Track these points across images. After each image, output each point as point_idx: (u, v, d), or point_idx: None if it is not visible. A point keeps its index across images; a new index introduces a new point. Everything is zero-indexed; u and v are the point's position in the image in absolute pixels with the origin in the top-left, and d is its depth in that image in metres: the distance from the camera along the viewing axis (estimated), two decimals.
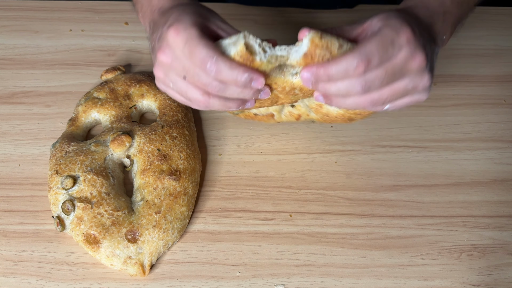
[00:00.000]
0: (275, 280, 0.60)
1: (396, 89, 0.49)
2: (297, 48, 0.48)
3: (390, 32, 0.46)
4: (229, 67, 0.47)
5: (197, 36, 0.48)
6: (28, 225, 0.64)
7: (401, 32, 0.46)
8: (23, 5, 0.87)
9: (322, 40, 0.46)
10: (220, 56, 0.47)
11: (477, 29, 0.85)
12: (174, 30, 0.48)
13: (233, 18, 0.86)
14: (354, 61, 0.45)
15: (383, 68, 0.46)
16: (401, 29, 0.47)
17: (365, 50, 0.45)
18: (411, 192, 0.67)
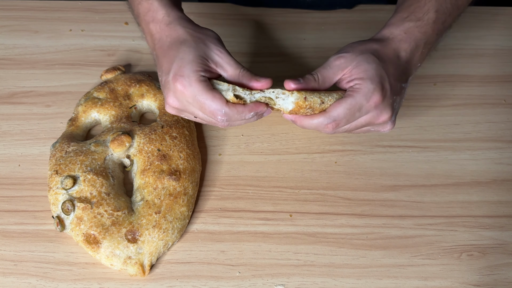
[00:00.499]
0: (275, 280, 0.60)
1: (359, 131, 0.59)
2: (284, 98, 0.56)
3: (361, 99, 0.54)
4: (237, 112, 0.55)
5: (203, 91, 0.54)
6: (28, 225, 0.64)
7: (371, 99, 0.54)
8: (23, 5, 0.87)
9: (305, 102, 0.54)
10: (227, 106, 0.54)
11: (477, 29, 0.85)
12: (180, 85, 0.55)
13: (234, 18, 0.86)
14: (325, 122, 0.55)
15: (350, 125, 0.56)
16: (372, 96, 0.54)
17: (334, 114, 0.54)
18: (411, 192, 0.67)
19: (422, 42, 0.59)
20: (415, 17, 0.59)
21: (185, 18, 0.61)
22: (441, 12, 0.59)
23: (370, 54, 0.57)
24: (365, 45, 0.58)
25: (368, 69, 0.55)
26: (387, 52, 0.58)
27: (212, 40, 0.58)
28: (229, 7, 0.88)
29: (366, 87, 0.54)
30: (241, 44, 0.83)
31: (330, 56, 0.59)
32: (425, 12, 0.59)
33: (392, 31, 0.59)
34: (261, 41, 0.84)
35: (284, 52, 0.82)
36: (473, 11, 0.87)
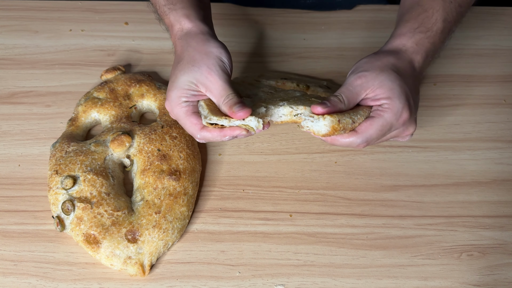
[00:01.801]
0: (275, 280, 0.60)
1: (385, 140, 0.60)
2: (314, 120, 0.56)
3: (391, 118, 0.56)
4: (212, 136, 0.58)
5: (182, 116, 0.59)
6: (28, 225, 0.64)
7: (400, 117, 0.56)
8: (23, 5, 0.87)
9: (340, 125, 0.55)
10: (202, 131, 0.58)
11: (477, 29, 0.85)
12: (167, 106, 0.61)
13: (234, 19, 0.86)
14: (357, 142, 0.56)
15: (380, 131, 0.56)
16: (401, 114, 0.56)
17: (367, 135, 0.56)
18: (411, 192, 0.67)
19: (431, 52, 0.60)
20: (424, 28, 0.60)
21: (196, 31, 0.61)
22: (447, 22, 0.60)
23: (391, 71, 0.57)
24: (382, 60, 0.59)
25: (393, 87, 0.56)
26: (404, 65, 0.59)
27: (207, 61, 0.58)
28: (229, 7, 0.88)
29: (395, 107, 0.56)
30: (241, 44, 0.83)
31: (349, 74, 0.59)
32: (434, 22, 0.60)
33: (405, 43, 0.60)
34: (261, 41, 0.84)
35: (284, 52, 0.82)
36: (473, 11, 0.87)
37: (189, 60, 0.59)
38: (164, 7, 0.63)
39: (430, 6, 0.61)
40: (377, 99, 0.57)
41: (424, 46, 0.60)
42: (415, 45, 0.60)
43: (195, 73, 0.58)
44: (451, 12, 0.61)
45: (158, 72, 0.79)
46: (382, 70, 0.57)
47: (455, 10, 0.61)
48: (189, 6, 0.62)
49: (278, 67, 0.80)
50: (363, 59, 0.60)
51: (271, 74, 0.76)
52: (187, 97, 0.59)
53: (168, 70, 0.79)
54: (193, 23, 0.61)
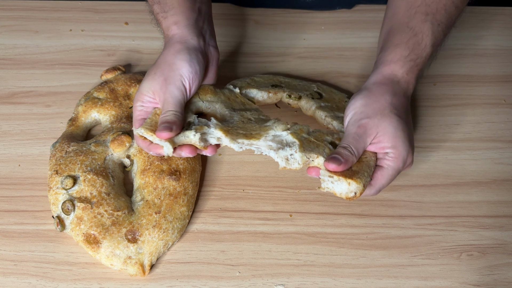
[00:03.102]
0: (275, 280, 0.60)
1: None
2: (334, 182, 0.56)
3: (399, 165, 0.57)
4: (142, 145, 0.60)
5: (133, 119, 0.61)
6: (28, 225, 0.64)
7: (407, 162, 0.58)
8: (23, 5, 0.87)
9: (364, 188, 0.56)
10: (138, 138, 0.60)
11: (477, 29, 0.85)
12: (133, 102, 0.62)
13: (234, 19, 0.86)
14: (372, 192, 0.57)
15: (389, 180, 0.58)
16: (407, 159, 0.57)
17: (380, 185, 0.57)
18: (411, 192, 0.67)
19: (419, 79, 0.62)
20: (415, 55, 0.60)
21: (176, 39, 0.61)
22: (436, 45, 0.61)
23: (392, 115, 0.57)
24: (380, 101, 0.58)
25: (396, 135, 0.57)
26: (401, 101, 0.59)
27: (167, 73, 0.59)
28: (229, 7, 0.88)
29: (401, 155, 0.57)
30: (241, 44, 0.83)
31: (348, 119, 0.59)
32: (423, 48, 0.60)
33: (396, 73, 0.60)
34: (261, 41, 0.84)
35: (284, 52, 0.82)
36: (473, 11, 0.87)
37: (155, 67, 0.61)
38: (158, 16, 0.64)
39: (420, 29, 0.60)
40: (382, 147, 0.57)
41: (414, 74, 0.60)
42: (405, 74, 0.60)
43: (153, 81, 0.60)
44: (439, 35, 0.61)
45: None
46: (382, 115, 0.57)
47: (442, 33, 0.61)
48: (180, 12, 0.62)
49: (278, 67, 0.80)
50: (359, 100, 0.59)
51: (261, 78, 0.74)
52: (142, 102, 0.61)
53: None
54: (179, 30, 0.62)
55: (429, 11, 0.60)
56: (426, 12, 0.60)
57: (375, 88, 0.59)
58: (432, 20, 0.60)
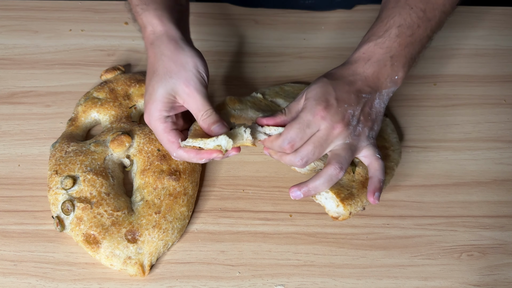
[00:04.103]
0: (275, 280, 0.60)
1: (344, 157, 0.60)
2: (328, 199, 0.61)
3: (306, 115, 0.57)
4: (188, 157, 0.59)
5: (160, 132, 0.60)
6: (28, 225, 0.64)
7: (315, 113, 0.57)
8: (23, 5, 0.87)
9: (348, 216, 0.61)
10: (179, 150, 0.59)
11: (477, 29, 0.85)
12: (146, 118, 0.60)
13: (234, 18, 0.86)
14: (283, 145, 0.58)
15: (311, 143, 0.58)
16: (315, 110, 0.57)
17: (288, 135, 0.57)
18: (411, 192, 0.67)
19: (387, 56, 0.61)
20: (375, 36, 0.62)
21: (168, 37, 0.60)
22: (405, 27, 0.62)
23: (321, 77, 0.60)
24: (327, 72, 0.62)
25: (313, 89, 0.59)
26: (343, 72, 0.61)
27: (185, 74, 0.58)
28: (229, 7, 0.88)
29: (309, 104, 0.58)
30: (241, 44, 0.83)
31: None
32: (386, 29, 0.62)
33: (353, 55, 0.63)
34: (261, 41, 0.84)
35: (284, 52, 0.82)
36: (473, 11, 0.87)
37: (166, 71, 0.58)
38: (137, 7, 0.61)
39: (386, 15, 0.63)
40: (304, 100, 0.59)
41: (372, 53, 0.61)
42: (361, 54, 0.62)
43: (173, 85, 0.58)
44: (410, 17, 0.62)
45: None
46: (316, 79, 0.61)
47: (416, 15, 0.62)
48: (162, 7, 0.61)
49: (278, 67, 0.80)
50: None
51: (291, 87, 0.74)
52: (167, 111, 0.59)
53: None
54: (165, 27, 0.60)
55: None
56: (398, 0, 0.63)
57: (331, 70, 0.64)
58: (402, 5, 0.63)
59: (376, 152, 0.60)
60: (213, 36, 0.84)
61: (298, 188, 0.59)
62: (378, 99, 0.62)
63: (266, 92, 0.72)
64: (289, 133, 0.57)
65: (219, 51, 0.82)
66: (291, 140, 0.57)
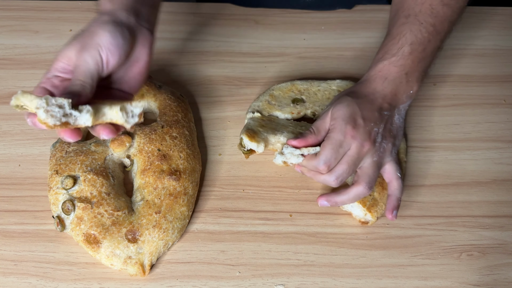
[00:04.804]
0: (275, 280, 0.60)
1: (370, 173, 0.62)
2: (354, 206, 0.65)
3: (337, 135, 0.59)
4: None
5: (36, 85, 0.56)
6: (28, 225, 0.64)
7: (346, 133, 0.59)
8: (23, 5, 0.87)
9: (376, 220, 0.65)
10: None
11: (477, 29, 0.85)
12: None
13: (234, 18, 0.86)
14: (319, 164, 0.59)
15: (345, 162, 0.60)
16: (345, 130, 0.59)
17: (323, 157, 0.59)
18: (411, 192, 0.67)
19: (402, 74, 0.64)
20: (389, 55, 0.64)
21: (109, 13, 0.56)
22: (417, 43, 0.64)
23: (345, 96, 0.63)
24: (346, 90, 0.65)
25: (340, 108, 0.61)
26: (364, 90, 0.64)
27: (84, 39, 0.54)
28: (229, 7, 0.88)
29: (339, 125, 0.60)
30: (241, 44, 0.83)
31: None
32: (399, 47, 0.64)
33: (369, 73, 0.65)
34: (261, 41, 0.84)
35: (284, 52, 0.82)
36: (473, 11, 0.87)
37: (76, 35, 0.55)
38: None
39: (397, 32, 0.65)
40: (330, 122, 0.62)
41: (388, 71, 0.64)
42: (378, 72, 0.64)
43: (70, 47, 0.54)
44: (420, 33, 0.64)
45: (158, 72, 0.79)
46: (339, 97, 0.63)
47: (425, 30, 0.64)
48: None
49: (278, 67, 0.80)
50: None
51: (280, 91, 0.74)
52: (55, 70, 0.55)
53: (169, 70, 0.79)
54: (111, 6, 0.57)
55: (411, 13, 0.65)
56: (407, 15, 0.65)
57: (350, 88, 0.67)
58: (413, 21, 0.65)
59: (397, 171, 0.63)
60: (213, 36, 0.84)
61: (326, 200, 0.62)
62: (397, 114, 0.65)
63: (259, 106, 0.72)
64: (324, 154, 0.59)
65: (219, 51, 0.82)
66: (327, 161, 0.59)
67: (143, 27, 0.58)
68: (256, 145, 0.63)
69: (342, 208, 0.65)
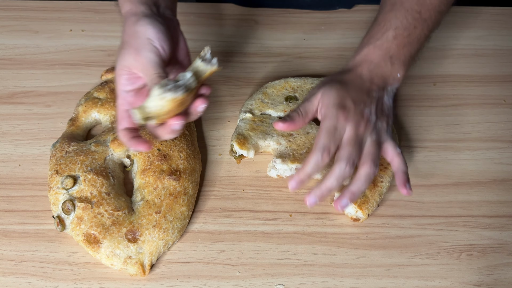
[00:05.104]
0: (275, 280, 0.60)
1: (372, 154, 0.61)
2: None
3: (331, 121, 0.59)
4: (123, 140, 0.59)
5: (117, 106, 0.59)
6: (28, 225, 0.64)
7: (338, 117, 0.59)
8: (23, 5, 0.87)
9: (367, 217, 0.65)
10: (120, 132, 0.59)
11: (477, 29, 0.85)
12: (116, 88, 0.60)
13: (234, 19, 0.86)
14: (319, 154, 0.58)
15: (346, 145, 0.59)
16: (338, 116, 0.59)
17: (320, 144, 0.58)
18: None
19: (386, 57, 0.64)
20: (374, 39, 0.65)
21: (132, 13, 0.59)
22: (401, 29, 0.64)
23: (333, 82, 0.63)
24: (332, 76, 0.65)
25: (330, 95, 0.61)
26: (351, 76, 0.64)
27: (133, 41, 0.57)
28: (229, 7, 0.88)
29: (330, 112, 0.60)
30: (241, 44, 0.83)
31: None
32: (384, 32, 0.65)
33: (355, 59, 0.65)
34: (261, 41, 0.84)
35: (284, 52, 0.82)
36: (473, 11, 0.87)
37: (121, 45, 0.58)
38: None
39: (382, 19, 0.66)
40: (321, 108, 0.61)
41: (372, 55, 0.64)
42: (364, 56, 0.65)
43: (125, 56, 0.57)
44: (406, 19, 0.65)
45: None
46: (326, 82, 0.63)
47: (411, 17, 0.65)
48: None
49: (278, 67, 0.80)
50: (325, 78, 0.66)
51: (273, 88, 0.74)
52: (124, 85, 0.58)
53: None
54: (131, 5, 0.60)
55: (397, 1, 0.66)
56: (394, 3, 0.66)
57: (335, 74, 0.66)
58: (398, 8, 0.65)
59: (396, 147, 0.62)
60: (213, 36, 0.84)
61: (342, 197, 0.60)
62: (386, 95, 0.65)
63: (252, 105, 0.72)
64: (320, 141, 0.58)
65: (219, 51, 0.82)
66: (325, 147, 0.58)
67: (166, 14, 0.62)
68: (246, 152, 0.67)
69: (333, 206, 0.64)
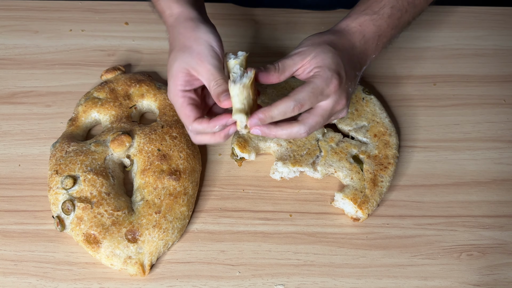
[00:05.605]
0: (275, 280, 0.60)
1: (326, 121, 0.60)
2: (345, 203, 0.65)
3: (321, 83, 0.56)
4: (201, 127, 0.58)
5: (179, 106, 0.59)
6: (28, 225, 0.64)
7: (330, 84, 0.57)
8: (23, 5, 0.87)
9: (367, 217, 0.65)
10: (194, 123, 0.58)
11: (477, 29, 0.85)
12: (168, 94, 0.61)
13: (234, 18, 0.86)
14: (291, 104, 0.55)
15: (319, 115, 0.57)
16: (331, 81, 0.57)
17: (299, 97, 0.56)
18: (411, 192, 0.67)
19: (376, 35, 0.63)
20: (371, 11, 0.63)
21: (185, 17, 0.61)
22: (396, 8, 0.63)
23: (326, 45, 0.60)
24: (322, 37, 0.61)
25: (325, 58, 0.58)
26: (343, 42, 0.61)
27: (197, 47, 0.59)
28: (229, 7, 0.88)
29: (325, 73, 0.57)
30: (241, 44, 0.83)
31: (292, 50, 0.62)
32: (381, 6, 0.63)
33: (348, 24, 0.63)
34: (261, 41, 0.84)
35: (284, 52, 0.82)
36: (473, 11, 0.87)
37: (181, 48, 0.60)
38: None
39: None
40: (311, 70, 0.58)
41: (367, 27, 0.62)
42: (358, 25, 0.62)
43: (186, 59, 0.59)
44: (402, 1, 0.64)
45: (158, 72, 0.79)
46: (319, 45, 0.60)
47: (406, 1, 0.64)
48: None
49: None
50: (307, 37, 0.63)
51: (274, 89, 0.74)
52: (184, 85, 0.59)
53: None
54: (182, 8, 0.62)
55: None
56: None
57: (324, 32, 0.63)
58: None
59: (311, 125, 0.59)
60: None
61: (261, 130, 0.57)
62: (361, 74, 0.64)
63: None
64: (301, 94, 0.56)
65: None
66: (302, 102, 0.56)
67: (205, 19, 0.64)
68: (247, 155, 0.67)
69: (334, 205, 0.65)
